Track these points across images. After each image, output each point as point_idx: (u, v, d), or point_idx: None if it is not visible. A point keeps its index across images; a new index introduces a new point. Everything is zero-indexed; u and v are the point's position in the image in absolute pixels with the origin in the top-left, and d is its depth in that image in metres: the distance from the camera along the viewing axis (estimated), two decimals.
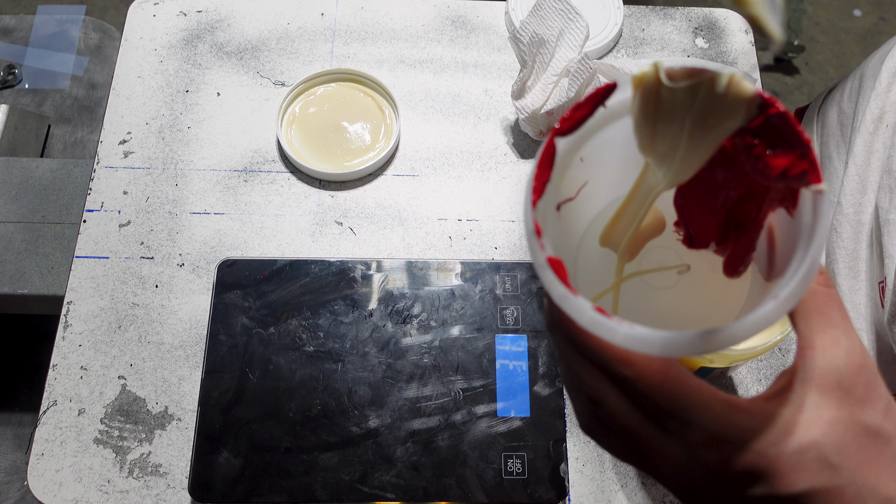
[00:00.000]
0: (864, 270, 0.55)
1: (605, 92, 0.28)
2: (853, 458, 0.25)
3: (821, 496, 0.25)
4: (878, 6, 1.83)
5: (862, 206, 0.56)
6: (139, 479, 0.53)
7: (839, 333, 0.27)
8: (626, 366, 0.26)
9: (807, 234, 0.25)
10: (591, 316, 0.25)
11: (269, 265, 0.57)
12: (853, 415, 0.25)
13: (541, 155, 0.27)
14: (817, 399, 0.25)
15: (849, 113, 0.62)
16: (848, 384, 0.26)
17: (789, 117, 0.26)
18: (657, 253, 0.35)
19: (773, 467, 0.25)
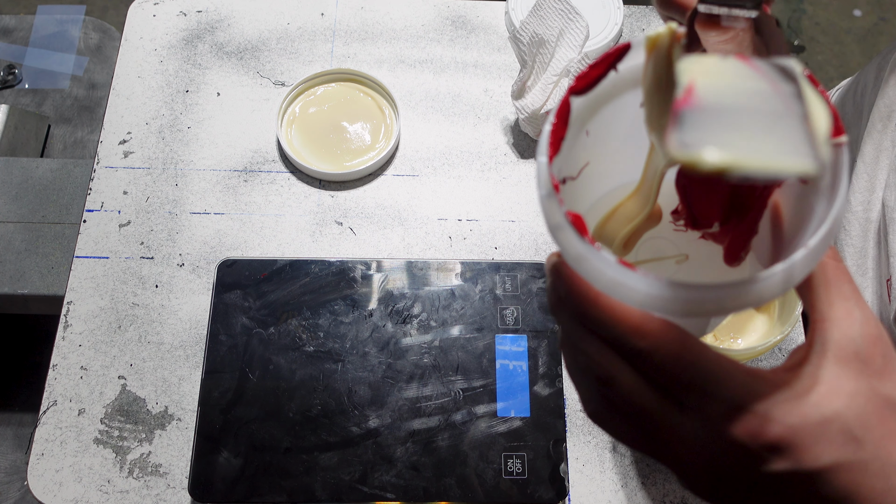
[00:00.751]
0: (872, 268, 0.55)
1: (619, 53, 0.27)
2: (876, 430, 0.24)
3: (844, 471, 0.24)
4: (878, 6, 1.83)
5: (870, 204, 0.56)
6: (139, 479, 0.53)
7: (852, 305, 0.26)
8: (642, 337, 0.24)
9: (827, 191, 0.25)
10: (615, 272, 0.23)
11: (269, 265, 0.57)
12: (872, 386, 0.25)
13: (557, 111, 0.26)
14: (836, 370, 0.25)
15: (857, 111, 0.62)
16: (865, 355, 0.25)
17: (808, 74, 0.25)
18: (654, 244, 0.34)
19: (797, 439, 0.24)
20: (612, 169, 0.33)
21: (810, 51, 1.76)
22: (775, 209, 0.29)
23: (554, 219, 0.25)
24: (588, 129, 0.29)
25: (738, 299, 0.23)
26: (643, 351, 0.25)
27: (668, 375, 0.25)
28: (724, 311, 0.24)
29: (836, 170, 0.25)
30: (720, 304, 0.23)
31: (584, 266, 0.24)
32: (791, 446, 0.24)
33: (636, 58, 0.27)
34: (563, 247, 0.25)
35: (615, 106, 0.29)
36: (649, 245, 0.34)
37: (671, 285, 0.23)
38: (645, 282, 0.23)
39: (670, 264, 0.34)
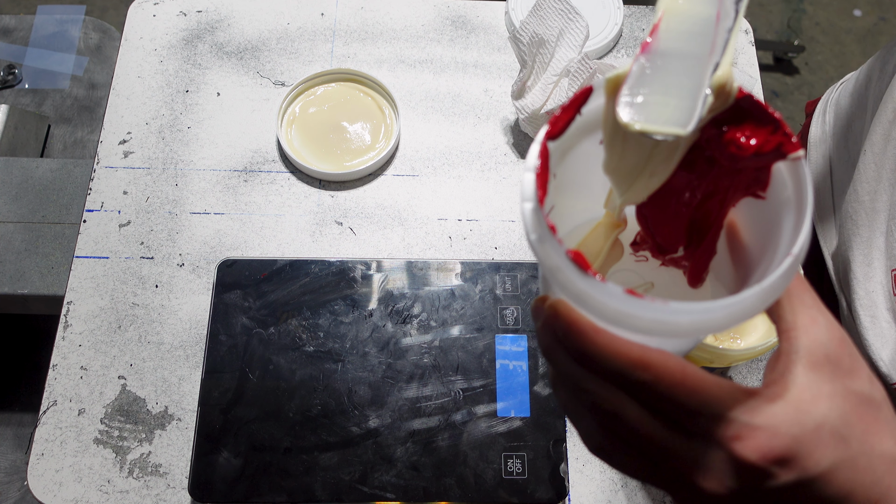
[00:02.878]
0: (878, 258, 0.55)
1: (585, 97, 0.28)
2: (857, 427, 0.26)
3: (840, 471, 0.25)
4: (878, 6, 1.83)
5: (877, 194, 0.56)
6: (139, 479, 0.53)
7: (815, 312, 0.27)
8: (644, 369, 0.25)
9: (794, 202, 0.26)
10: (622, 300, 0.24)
11: (269, 265, 0.57)
12: (846, 385, 0.26)
13: (539, 156, 0.27)
14: (813, 376, 0.26)
15: (863, 103, 0.62)
16: (835, 357, 0.26)
17: (755, 99, 0.26)
18: (620, 276, 0.36)
19: (801, 448, 0.25)
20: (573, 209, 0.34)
21: (810, 51, 1.76)
22: (732, 228, 0.30)
23: (552, 261, 0.25)
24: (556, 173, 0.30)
25: (734, 316, 0.24)
26: (647, 382, 0.25)
27: (673, 404, 0.25)
28: (719, 330, 0.25)
29: (798, 183, 0.26)
30: (717, 322, 0.24)
31: (588, 301, 0.25)
32: (796, 456, 0.25)
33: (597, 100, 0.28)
34: (564, 286, 0.25)
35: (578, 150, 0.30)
36: (616, 278, 0.35)
37: (677, 308, 0.24)
38: (652, 307, 0.24)
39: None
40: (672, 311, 0.24)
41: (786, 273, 0.24)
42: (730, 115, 0.27)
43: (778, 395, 0.25)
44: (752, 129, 0.27)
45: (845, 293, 0.59)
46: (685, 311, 0.24)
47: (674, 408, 0.25)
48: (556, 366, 0.28)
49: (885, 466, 0.26)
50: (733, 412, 0.25)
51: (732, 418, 0.25)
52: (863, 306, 0.55)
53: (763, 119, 0.26)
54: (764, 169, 0.27)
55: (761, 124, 0.26)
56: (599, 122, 0.29)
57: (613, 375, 0.26)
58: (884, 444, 0.26)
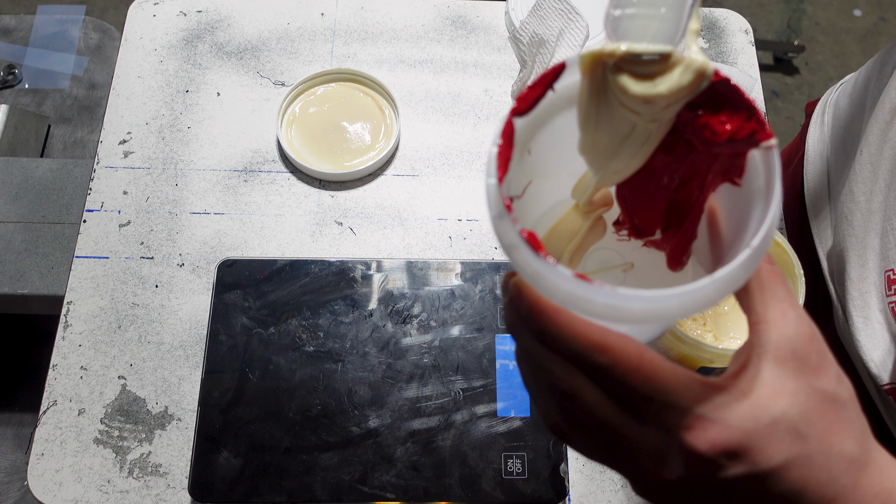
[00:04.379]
0: (872, 259, 0.55)
1: (556, 73, 0.28)
2: (817, 425, 0.26)
3: (794, 468, 0.25)
4: (878, 6, 1.83)
5: (872, 195, 0.56)
6: (139, 479, 0.53)
7: (787, 306, 0.27)
8: (602, 352, 0.25)
9: (763, 193, 0.26)
10: (572, 285, 0.24)
11: (269, 265, 0.57)
12: (811, 383, 0.26)
13: (502, 132, 0.27)
14: (777, 371, 0.26)
15: (861, 104, 0.62)
16: (802, 353, 0.26)
17: (732, 83, 0.26)
18: (599, 255, 0.35)
19: (752, 442, 0.25)
20: (553, 185, 0.34)
21: (810, 51, 1.76)
22: (712, 214, 0.30)
23: (508, 238, 0.25)
24: (530, 149, 0.30)
25: (688, 305, 0.24)
26: (604, 365, 0.25)
27: (628, 388, 0.25)
28: (675, 317, 0.24)
29: (768, 173, 0.25)
30: (671, 310, 0.24)
31: (541, 282, 0.25)
32: (747, 450, 0.25)
33: (572, 76, 0.28)
34: (518, 265, 0.25)
35: (554, 125, 0.30)
36: (595, 256, 0.35)
37: (627, 294, 0.23)
38: (602, 292, 0.23)
39: (617, 273, 0.35)
40: (622, 297, 0.23)
41: (743, 265, 0.24)
42: (706, 98, 0.26)
43: (735, 388, 0.26)
44: (727, 114, 0.26)
45: (839, 293, 0.59)
46: (635, 297, 0.23)
47: (629, 393, 0.25)
48: (519, 342, 0.28)
49: (842, 465, 0.26)
50: (686, 402, 0.25)
51: (684, 408, 0.25)
52: (856, 307, 0.55)
53: (738, 105, 0.26)
54: (739, 156, 0.27)
55: (736, 110, 0.26)
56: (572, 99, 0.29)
57: (572, 356, 0.26)
58: (843, 444, 0.26)
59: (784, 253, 0.52)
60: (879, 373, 0.53)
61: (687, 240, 0.31)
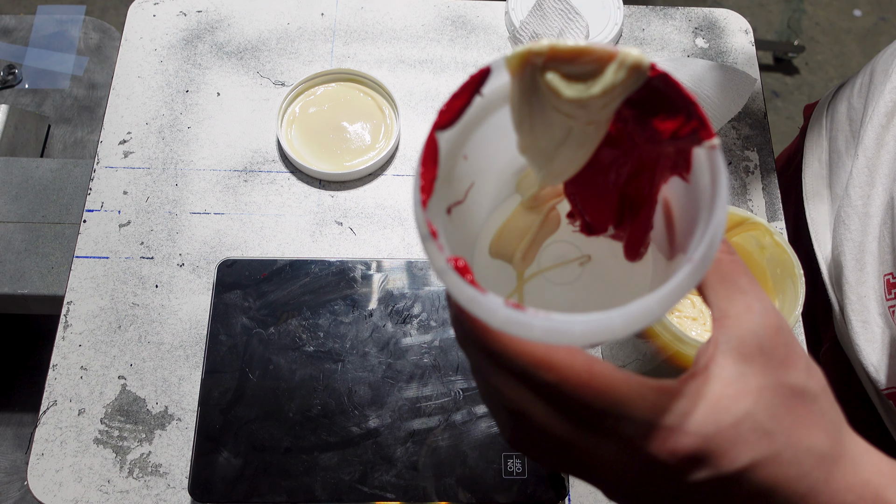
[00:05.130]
0: (870, 263, 0.55)
1: (480, 79, 0.26)
2: (785, 421, 0.25)
3: (762, 467, 0.24)
4: (878, 6, 1.83)
5: (870, 199, 0.56)
6: (139, 479, 0.53)
7: (751, 299, 0.26)
8: (548, 370, 0.24)
9: (708, 194, 0.24)
10: (505, 314, 0.23)
11: (269, 265, 0.57)
12: (778, 378, 0.25)
13: (423, 152, 0.25)
14: (741, 368, 0.25)
15: (858, 108, 0.62)
16: (768, 348, 0.25)
17: (671, 79, 0.25)
18: (555, 248, 0.34)
19: (713, 446, 0.24)
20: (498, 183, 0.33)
21: (810, 51, 1.76)
22: (666, 204, 0.29)
23: (436, 263, 0.24)
24: (466, 154, 0.29)
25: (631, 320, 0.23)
26: (551, 383, 0.24)
27: (579, 404, 0.24)
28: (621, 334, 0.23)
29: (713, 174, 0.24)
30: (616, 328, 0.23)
31: (475, 309, 0.23)
32: (709, 454, 0.24)
33: (502, 78, 0.26)
34: (451, 292, 0.24)
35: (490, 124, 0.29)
36: (551, 250, 0.34)
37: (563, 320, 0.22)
38: (537, 319, 0.22)
39: (574, 267, 0.34)
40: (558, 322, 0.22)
41: (685, 280, 0.23)
42: (644, 94, 0.25)
43: (694, 391, 0.25)
44: (667, 111, 0.25)
45: (838, 297, 0.59)
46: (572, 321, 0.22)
47: (581, 408, 0.24)
48: (469, 358, 0.27)
49: (812, 461, 0.25)
50: (642, 412, 0.24)
51: (640, 419, 0.24)
52: (854, 311, 0.55)
53: (678, 102, 0.25)
54: (684, 152, 0.26)
55: (676, 107, 0.25)
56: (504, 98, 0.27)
57: (520, 375, 0.25)
58: (813, 438, 0.25)
59: (784, 253, 0.52)
60: (879, 377, 0.53)
61: (643, 231, 0.30)
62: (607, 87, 0.24)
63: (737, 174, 0.65)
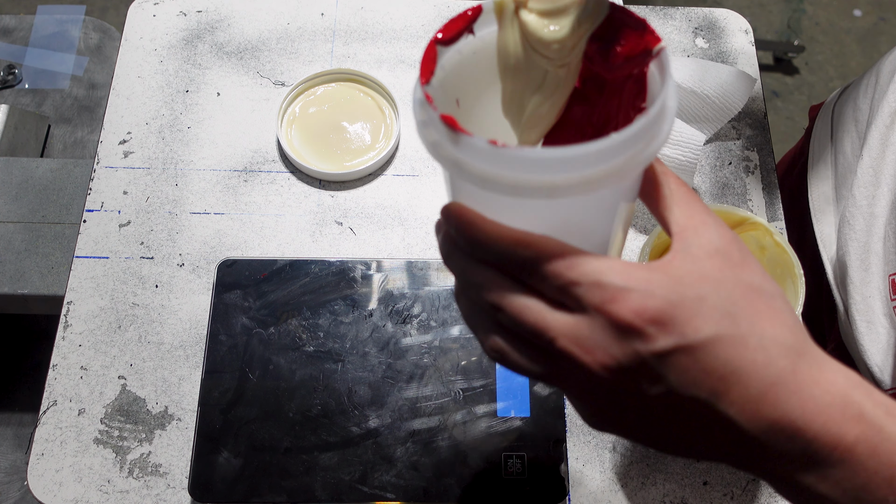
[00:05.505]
0: (875, 263, 0.55)
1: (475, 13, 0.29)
2: (748, 310, 0.26)
3: (727, 343, 0.25)
4: (878, 6, 1.83)
5: (875, 199, 0.56)
6: (139, 479, 0.53)
7: (706, 216, 0.28)
8: (526, 247, 0.26)
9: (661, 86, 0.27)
10: (488, 149, 0.25)
11: (269, 265, 0.57)
12: (737, 274, 0.26)
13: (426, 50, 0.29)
14: (701, 263, 0.26)
15: (864, 109, 0.62)
16: (724, 251, 0.27)
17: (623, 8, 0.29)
18: None
19: (678, 312, 0.25)
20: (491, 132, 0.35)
21: (810, 51, 1.76)
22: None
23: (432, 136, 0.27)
24: (458, 99, 0.31)
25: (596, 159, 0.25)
26: (529, 259, 0.26)
27: (554, 278, 0.26)
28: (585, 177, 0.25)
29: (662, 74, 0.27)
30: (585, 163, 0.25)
31: (464, 166, 0.26)
32: (673, 319, 0.25)
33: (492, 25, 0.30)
34: (444, 157, 0.26)
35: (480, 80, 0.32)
36: None
37: (538, 150, 0.25)
38: (513, 150, 0.25)
39: None
40: (534, 152, 0.24)
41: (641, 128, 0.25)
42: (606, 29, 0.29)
43: (660, 269, 0.26)
44: (625, 36, 0.29)
45: (843, 297, 0.59)
46: (546, 151, 0.24)
47: (556, 282, 0.26)
48: (453, 269, 0.30)
49: (778, 349, 0.26)
50: (609, 278, 0.25)
51: (608, 283, 0.25)
52: (859, 311, 0.55)
53: (634, 25, 0.28)
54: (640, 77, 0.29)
55: (633, 30, 0.28)
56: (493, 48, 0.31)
57: (500, 260, 0.27)
58: (776, 330, 0.26)
59: (784, 253, 0.52)
60: (883, 377, 0.53)
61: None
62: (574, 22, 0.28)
63: (737, 174, 0.65)
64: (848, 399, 0.26)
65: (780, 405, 0.25)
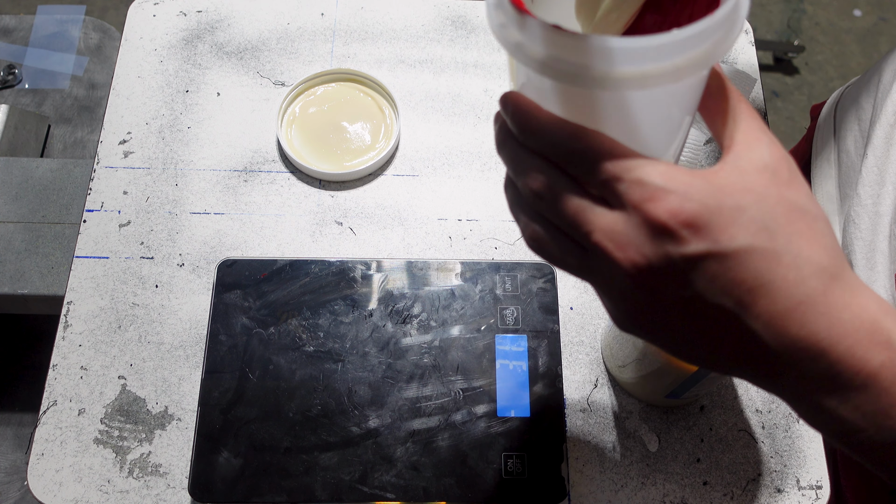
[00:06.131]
0: (881, 262, 0.55)
1: None
2: (787, 227, 0.25)
3: (759, 256, 0.25)
4: (878, 6, 1.83)
5: (880, 198, 0.56)
6: (139, 479, 0.53)
7: (760, 133, 0.28)
8: (577, 139, 0.26)
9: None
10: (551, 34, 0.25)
11: (269, 265, 0.57)
12: (781, 192, 0.26)
13: None
14: (748, 176, 0.26)
15: (867, 107, 0.62)
16: (773, 168, 0.27)
17: None
18: None
19: (714, 218, 0.25)
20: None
21: (810, 51, 1.76)
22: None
23: (499, 18, 0.27)
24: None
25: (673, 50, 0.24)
26: (577, 151, 0.27)
27: (598, 172, 0.26)
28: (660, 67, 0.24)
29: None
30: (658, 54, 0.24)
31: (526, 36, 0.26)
32: (708, 225, 0.25)
33: None
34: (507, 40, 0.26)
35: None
36: None
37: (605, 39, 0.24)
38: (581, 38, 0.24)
39: None
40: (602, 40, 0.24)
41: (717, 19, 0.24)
42: None
43: (702, 176, 0.26)
44: None
45: None
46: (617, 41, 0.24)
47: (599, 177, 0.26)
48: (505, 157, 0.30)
49: (811, 269, 0.25)
50: (651, 178, 0.25)
51: (648, 182, 0.25)
52: None
53: None
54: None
55: None
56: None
57: (550, 148, 0.27)
58: (813, 250, 0.26)
59: None
60: None
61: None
62: None
63: None
64: (877, 325, 0.26)
65: (806, 324, 0.25)
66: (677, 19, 0.31)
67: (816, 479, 0.54)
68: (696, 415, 0.56)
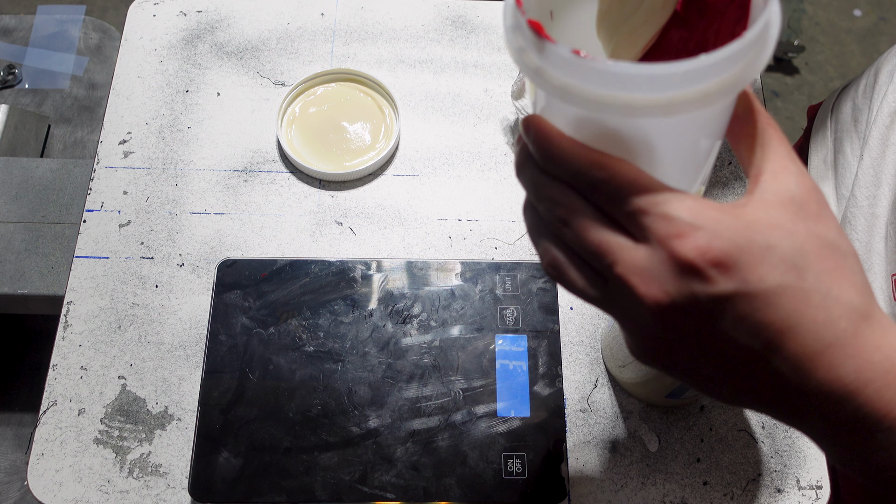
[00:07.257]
0: (878, 263, 0.55)
1: None
2: (816, 265, 0.25)
3: (789, 297, 0.24)
4: (878, 6, 1.83)
5: (876, 199, 0.56)
6: (139, 479, 0.53)
7: (788, 161, 0.27)
8: (600, 168, 0.26)
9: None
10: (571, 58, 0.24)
11: (269, 265, 0.57)
12: (810, 227, 0.25)
13: None
14: (776, 211, 0.25)
15: (863, 108, 0.62)
16: (801, 201, 0.26)
17: None
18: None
19: (744, 257, 0.24)
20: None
21: (810, 51, 1.76)
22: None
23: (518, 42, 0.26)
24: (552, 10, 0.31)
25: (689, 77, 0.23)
26: (601, 181, 0.26)
27: (624, 203, 0.25)
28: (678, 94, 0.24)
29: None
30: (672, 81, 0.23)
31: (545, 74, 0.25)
32: (737, 264, 0.24)
33: None
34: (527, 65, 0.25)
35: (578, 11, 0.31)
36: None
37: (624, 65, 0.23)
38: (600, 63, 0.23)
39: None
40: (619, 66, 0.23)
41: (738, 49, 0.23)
42: None
43: (731, 212, 0.25)
44: None
45: None
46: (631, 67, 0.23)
47: (625, 206, 0.25)
48: (524, 181, 0.29)
49: (841, 310, 0.25)
50: (678, 212, 0.24)
51: (676, 217, 0.24)
52: None
53: None
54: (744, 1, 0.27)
55: None
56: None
57: (573, 176, 0.27)
58: (843, 290, 0.25)
59: None
60: None
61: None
62: None
63: (737, 174, 0.65)
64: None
65: (834, 367, 0.24)
66: (704, 35, 0.30)
67: (816, 479, 0.54)
68: (696, 415, 0.56)
